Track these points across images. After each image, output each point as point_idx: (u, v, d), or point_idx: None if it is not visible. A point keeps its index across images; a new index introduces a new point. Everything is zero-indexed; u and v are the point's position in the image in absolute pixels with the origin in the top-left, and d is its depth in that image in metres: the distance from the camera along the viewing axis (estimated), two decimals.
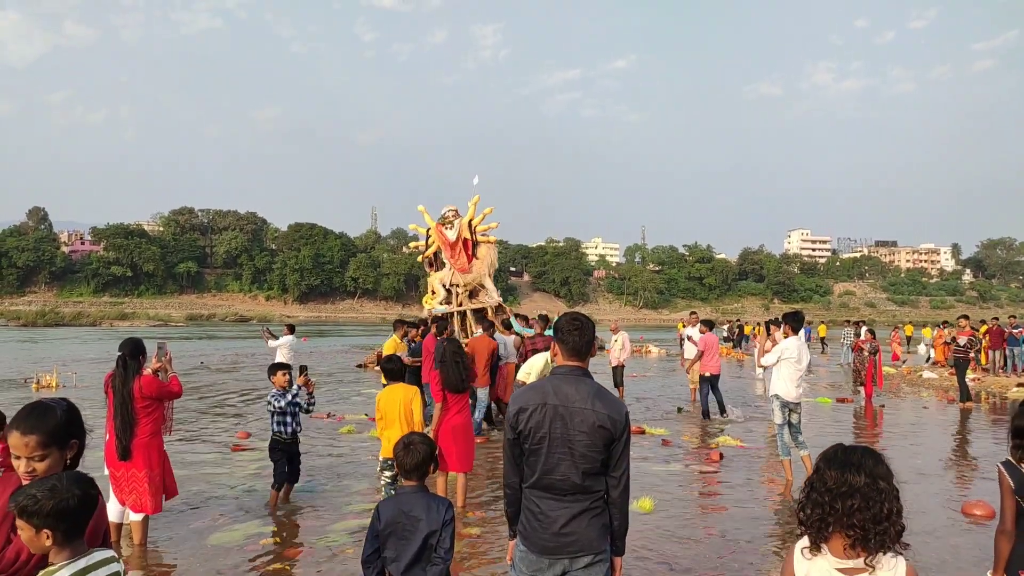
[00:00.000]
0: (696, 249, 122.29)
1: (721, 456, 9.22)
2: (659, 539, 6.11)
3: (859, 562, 2.02)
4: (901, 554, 2.03)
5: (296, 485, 7.17)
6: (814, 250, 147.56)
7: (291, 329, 14.75)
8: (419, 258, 16.25)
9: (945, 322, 29.04)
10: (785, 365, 7.99)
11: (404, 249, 19.72)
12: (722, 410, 12.63)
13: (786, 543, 6.08)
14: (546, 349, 9.60)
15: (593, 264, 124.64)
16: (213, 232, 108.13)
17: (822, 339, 34.97)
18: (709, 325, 13.70)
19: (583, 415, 2.87)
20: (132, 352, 5.37)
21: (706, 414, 12.43)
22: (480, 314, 14.46)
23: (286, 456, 6.91)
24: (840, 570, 2.04)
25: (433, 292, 15.33)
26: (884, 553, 2.00)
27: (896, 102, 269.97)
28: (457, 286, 15.27)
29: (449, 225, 15.60)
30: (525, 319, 15.05)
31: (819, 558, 2.08)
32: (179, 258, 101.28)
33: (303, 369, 7.25)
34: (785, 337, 8.23)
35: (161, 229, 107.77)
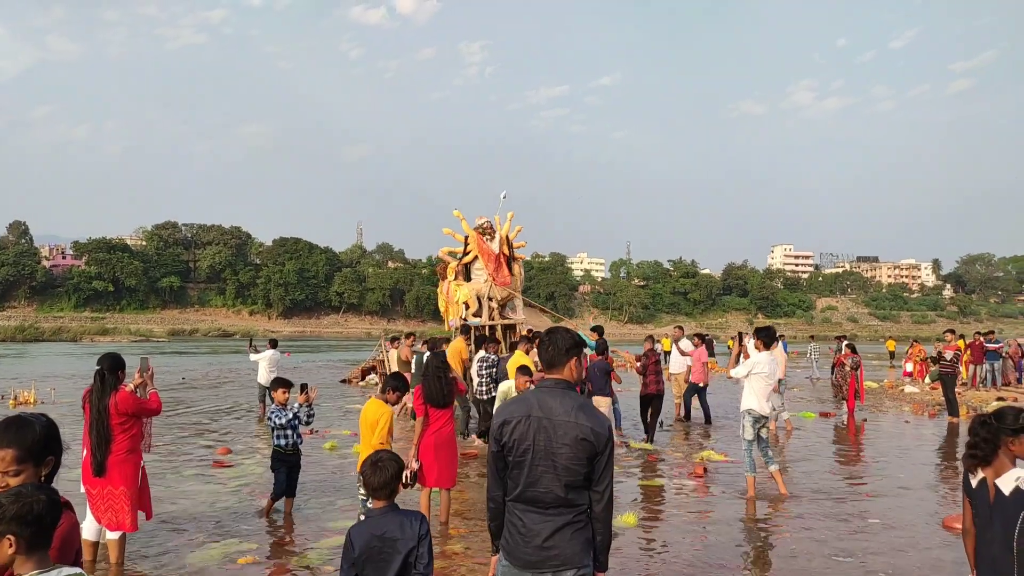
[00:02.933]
0: (681, 264, 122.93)
1: (705, 471, 9.22)
2: (642, 554, 6.09)
3: None
4: None
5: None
6: (797, 265, 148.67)
7: (273, 344, 14.69)
8: (453, 265, 15.88)
9: (928, 340, 29.38)
10: (756, 379, 8.02)
11: (441, 252, 18.22)
12: (708, 419, 13.41)
13: (766, 557, 6.08)
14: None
15: (578, 279, 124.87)
16: (196, 247, 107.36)
17: None
18: (702, 338, 14.22)
19: (566, 428, 2.88)
20: (111, 367, 5.30)
21: (687, 416, 13.73)
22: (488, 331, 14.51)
23: (286, 467, 7.01)
24: None
25: (467, 305, 15.11)
26: None
27: (876, 120, 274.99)
28: (491, 300, 15.16)
29: (489, 236, 15.48)
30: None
31: None
32: (162, 273, 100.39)
33: (303, 387, 7.29)
34: (757, 351, 8.28)
35: (144, 243, 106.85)
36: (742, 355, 9.17)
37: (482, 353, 11.29)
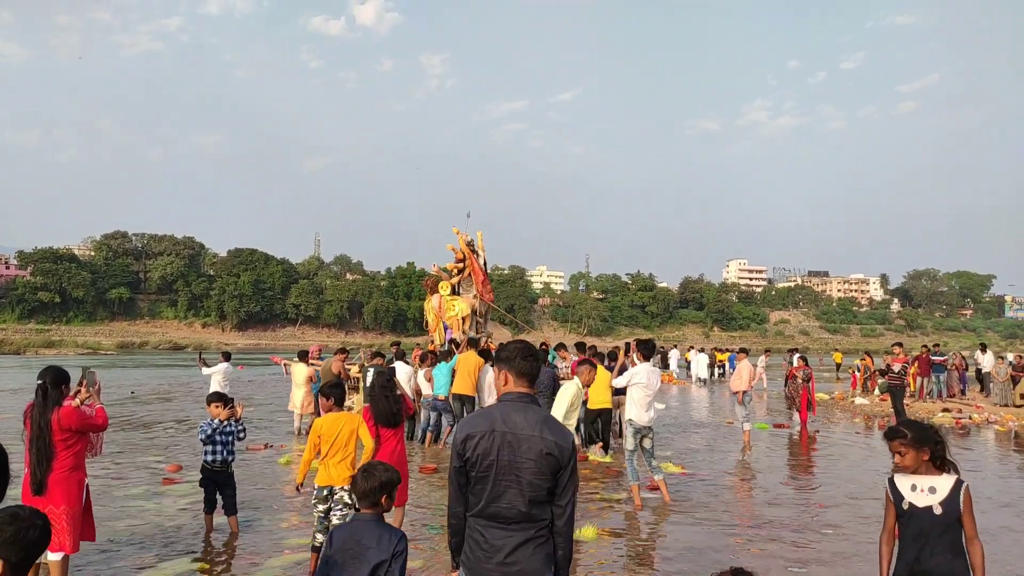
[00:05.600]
0: (639, 278, 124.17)
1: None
2: (601, 569, 6.08)
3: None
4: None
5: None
6: (751, 279, 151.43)
7: (226, 357, 14.40)
8: (451, 280, 16.02)
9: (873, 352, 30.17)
10: (635, 390, 8.18)
11: (434, 267, 18.05)
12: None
13: (724, 569, 6.12)
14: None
15: (538, 292, 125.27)
16: (147, 257, 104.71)
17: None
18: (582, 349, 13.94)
19: (531, 442, 2.86)
20: (54, 381, 5.09)
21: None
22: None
23: (213, 484, 6.81)
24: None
25: (465, 319, 15.37)
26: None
27: (827, 139, 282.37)
28: (477, 314, 15.53)
29: (476, 254, 15.93)
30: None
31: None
32: (111, 284, 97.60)
33: (228, 401, 7.08)
34: (637, 362, 8.44)
35: (92, 254, 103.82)
36: (629, 364, 9.44)
37: None
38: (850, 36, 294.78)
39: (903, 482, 3.44)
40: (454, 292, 15.90)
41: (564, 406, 7.96)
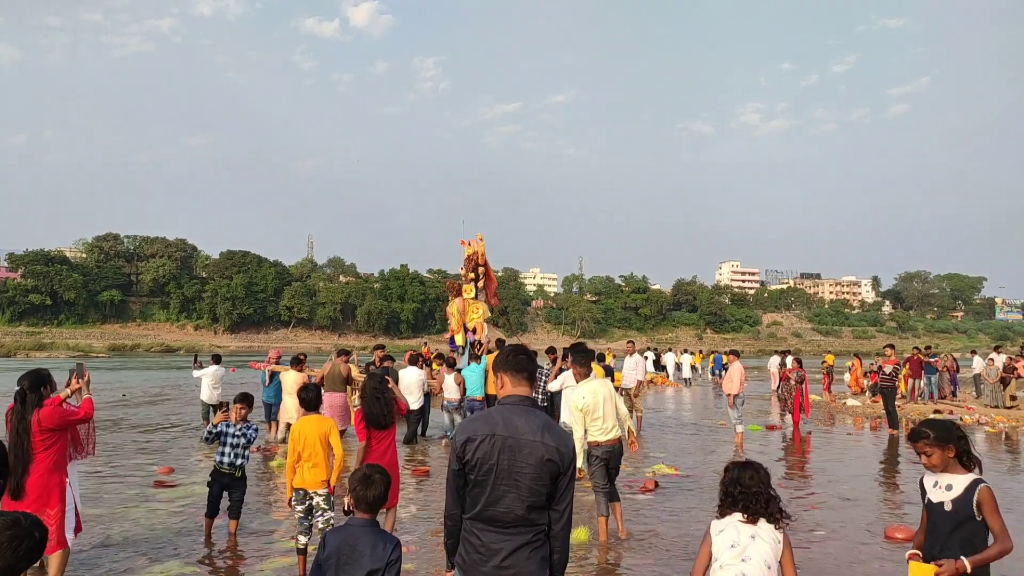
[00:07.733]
0: (632, 280, 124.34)
1: (656, 484, 9.28)
2: (594, 571, 6.07)
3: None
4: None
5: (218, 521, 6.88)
6: (744, 281, 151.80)
7: (216, 359, 14.35)
8: (480, 284, 16.27)
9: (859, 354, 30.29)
10: (568, 392, 8.18)
11: (461, 269, 17.85)
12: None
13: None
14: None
15: (531, 294, 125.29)
16: (139, 259, 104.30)
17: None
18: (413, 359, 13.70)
19: (531, 447, 2.85)
20: (33, 385, 5.01)
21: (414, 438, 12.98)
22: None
23: (219, 486, 6.78)
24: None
25: (487, 322, 15.80)
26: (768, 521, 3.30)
27: (819, 142, 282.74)
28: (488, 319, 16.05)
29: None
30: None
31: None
32: (102, 286, 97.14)
33: (215, 408, 7.10)
34: (569, 368, 8.45)
35: (84, 256, 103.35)
36: (566, 368, 9.57)
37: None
38: (841, 39, 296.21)
39: (929, 479, 3.56)
40: (457, 294, 16.19)
41: (621, 405, 7.09)
